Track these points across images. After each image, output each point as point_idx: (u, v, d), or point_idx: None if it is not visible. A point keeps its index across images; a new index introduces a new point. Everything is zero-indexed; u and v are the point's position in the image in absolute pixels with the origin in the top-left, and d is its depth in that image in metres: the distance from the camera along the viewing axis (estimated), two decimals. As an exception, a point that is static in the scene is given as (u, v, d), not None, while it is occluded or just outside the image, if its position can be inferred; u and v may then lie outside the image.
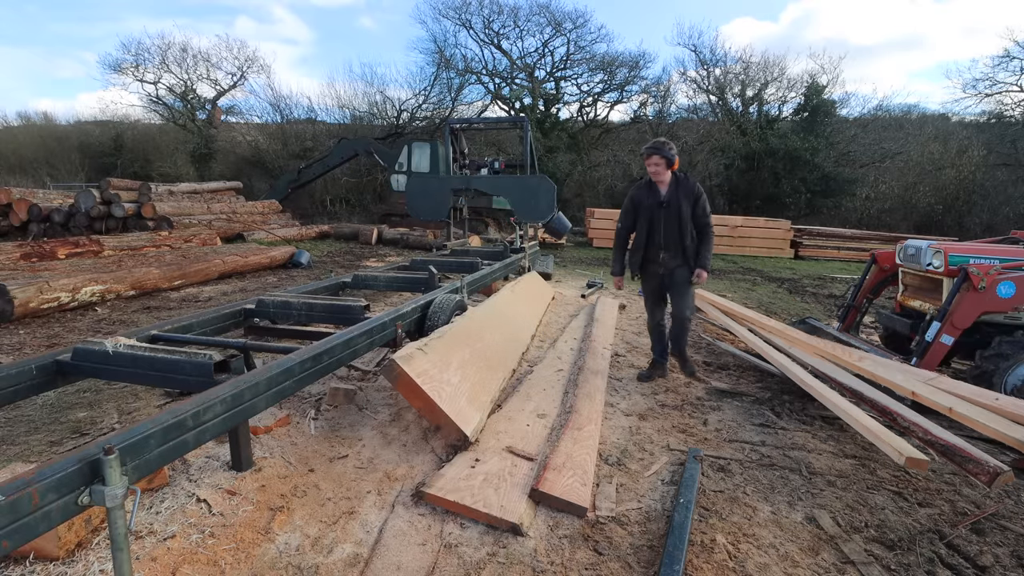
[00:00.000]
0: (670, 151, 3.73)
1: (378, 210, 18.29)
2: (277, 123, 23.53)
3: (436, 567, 1.99)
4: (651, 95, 22.72)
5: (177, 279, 7.09)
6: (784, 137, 18.04)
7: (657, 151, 3.72)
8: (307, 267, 9.39)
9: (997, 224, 16.13)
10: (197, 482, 2.42)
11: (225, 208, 13.75)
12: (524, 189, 7.57)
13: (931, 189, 18.30)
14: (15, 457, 2.66)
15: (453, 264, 5.98)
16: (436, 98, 22.00)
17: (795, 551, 2.17)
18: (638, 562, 2.07)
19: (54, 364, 2.45)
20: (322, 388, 3.58)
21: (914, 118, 22.28)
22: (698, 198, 3.77)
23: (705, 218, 3.79)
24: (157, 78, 22.74)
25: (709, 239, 3.80)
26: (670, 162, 3.74)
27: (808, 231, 15.10)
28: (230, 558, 1.98)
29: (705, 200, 3.80)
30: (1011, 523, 2.41)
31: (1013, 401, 2.99)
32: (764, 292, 8.81)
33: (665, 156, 3.72)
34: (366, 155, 16.33)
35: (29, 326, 5.10)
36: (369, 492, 2.45)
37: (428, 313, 3.77)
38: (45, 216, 10.94)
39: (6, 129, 26.29)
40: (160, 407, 3.29)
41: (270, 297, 3.65)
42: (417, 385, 2.69)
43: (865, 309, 5.29)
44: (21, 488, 1.33)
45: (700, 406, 3.65)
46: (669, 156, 3.72)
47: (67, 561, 1.91)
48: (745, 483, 2.67)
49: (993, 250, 4.25)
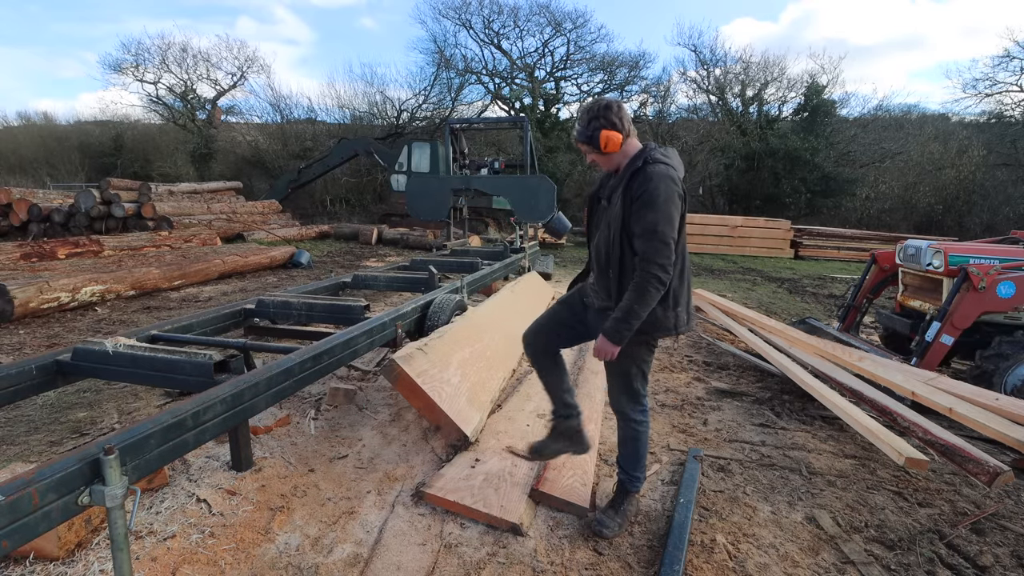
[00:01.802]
0: (595, 124, 2.08)
1: (378, 210, 18.30)
2: (277, 123, 23.55)
3: (436, 567, 1.99)
4: (651, 95, 22.76)
5: (177, 279, 7.09)
6: (784, 137, 18.05)
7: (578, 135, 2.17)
8: (307, 267, 9.39)
9: (997, 224, 16.13)
10: (197, 482, 2.42)
11: (225, 208, 13.75)
12: (524, 189, 7.57)
13: (931, 189, 18.31)
14: (15, 457, 2.66)
15: (453, 264, 5.98)
16: (436, 98, 22.05)
17: (795, 551, 2.17)
18: (638, 562, 2.07)
19: (54, 364, 2.45)
20: (322, 388, 3.58)
21: (914, 118, 22.29)
22: (639, 199, 1.99)
23: (646, 241, 1.96)
24: (157, 78, 22.80)
25: (643, 285, 1.96)
26: (593, 141, 2.09)
27: (808, 231, 15.10)
28: (230, 558, 1.98)
29: (653, 206, 1.95)
30: (1011, 523, 2.41)
31: (1013, 401, 2.99)
32: (764, 292, 8.81)
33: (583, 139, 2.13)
34: (366, 155, 16.34)
35: (29, 326, 5.10)
36: (369, 492, 2.45)
37: (428, 313, 3.77)
38: (45, 216, 10.94)
39: (6, 129, 26.31)
40: (160, 407, 3.29)
41: (270, 297, 3.65)
42: (417, 385, 2.69)
43: (865, 309, 5.29)
44: (21, 488, 1.32)
45: (700, 406, 3.65)
46: (588, 135, 2.10)
47: (67, 561, 1.91)
48: (745, 483, 2.67)
49: (993, 250, 4.25)
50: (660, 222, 1.94)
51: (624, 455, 2.32)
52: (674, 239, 1.98)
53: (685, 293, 2.13)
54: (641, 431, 2.27)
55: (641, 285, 1.96)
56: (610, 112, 2.07)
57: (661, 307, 2.04)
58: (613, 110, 2.08)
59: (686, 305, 2.13)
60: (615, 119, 2.06)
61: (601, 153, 2.10)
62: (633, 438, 2.28)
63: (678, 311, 2.09)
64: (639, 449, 2.29)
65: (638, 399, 2.25)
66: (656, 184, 1.96)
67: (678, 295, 2.08)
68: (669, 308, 2.06)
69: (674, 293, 2.06)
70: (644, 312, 1.98)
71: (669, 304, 2.06)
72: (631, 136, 2.11)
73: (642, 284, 1.96)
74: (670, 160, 2.07)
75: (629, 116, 2.12)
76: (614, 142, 2.06)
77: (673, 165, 2.06)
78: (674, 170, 2.04)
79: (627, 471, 2.31)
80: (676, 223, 1.99)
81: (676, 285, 2.07)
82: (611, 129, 2.06)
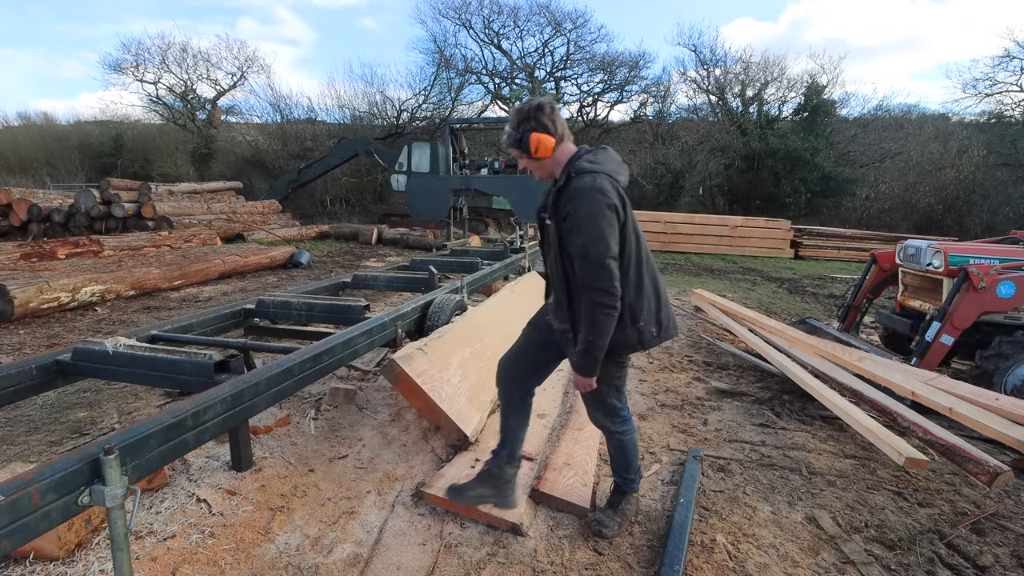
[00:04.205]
0: (525, 126, 1.90)
1: (378, 210, 18.30)
2: (277, 123, 23.55)
3: (436, 567, 1.99)
4: (651, 95, 22.76)
5: (177, 279, 7.09)
6: (784, 137, 18.05)
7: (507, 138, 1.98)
8: (307, 267, 9.39)
9: (997, 224, 16.13)
10: (197, 482, 2.42)
11: (225, 208, 13.75)
12: (524, 189, 7.59)
13: (931, 189, 18.31)
14: (15, 457, 2.66)
15: (453, 264, 5.97)
16: (436, 98, 22.04)
17: (795, 551, 2.17)
18: (638, 562, 2.07)
19: (54, 364, 2.45)
20: (322, 388, 3.58)
21: (914, 118, 22.30)
22: (566, 220, 1.83)
23: (581, 267, 1.83)
24: (157, 78, 22.80)
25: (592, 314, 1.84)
26: (523, 145, 1.91)
27: (808, 231, 15.10)
28: (230, 558, 1.98)
29: (580, 229, 1.80)
30: (1011, 523, 2.41)
31: (1013, 401, 2.99)
32: (764, 292, 8.81)
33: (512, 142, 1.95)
34: (366, 155, 16.33)
35: (29, 326, 5.10)
36: (369, 492, 2.45)
37: (428, 313, 3.77)
38: (45, 216, 10.95)
39: (6, 129, 26.28)
40: (160, 407, 3.29)
41: (270, 297, 3.65)
42: (417, 385, 2.69)
43: (865, 309, 5.29)
44: (21, 488, 1.33)
45: (700, 406, 3.65)
46: (517, 138, 1.92)
47: (67, 561, 1.91)
48: (745, 483, 2.67)
49: (993, 250, 4.25)
50: (590, 245, 1.78)
51: (615, 461, 2.30)
52: (613, 257, 1.81)
53: (646, 305, 1.96)
54: (626, 439, 2.22)
55: (590, 314, 1.84)
56: (542, 114, 1.89)
57: (618, 327, 1.90)
58: (545, 111, 1.90)
59: (651, 318, 1.98)
60: (547, 121, 1.89)
61: (532, 158, 1.94)
62: (619, 447, 2.24)
63: (639, 327, 1.95)
64: (627, 455, 2.25)
65: (616, 412, 2.18)
66: (580, 203, 1.79)
67: (636, 310, 1.93)
68: (627, 326, 1.93)
69: (630, 310, 1.92)
70: (603, 340, 1.87)
71: (626, 322, 1.92)
72: (565, 140, 1.95)
73: (590, 314, 1.84)
74: (599, 166, 1.86)
75: (563, 118, 1.96)
76: (545, 146, 1.89)
77: (604, 171, 1.86)
78: (604, 177, 1.84)
79: (620, 474, 2.29)
80: (611, 239, 1.81)
81: (632, 300, 1.91)
82: (542, 132, 1.88)
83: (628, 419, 2.25)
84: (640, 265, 1.94)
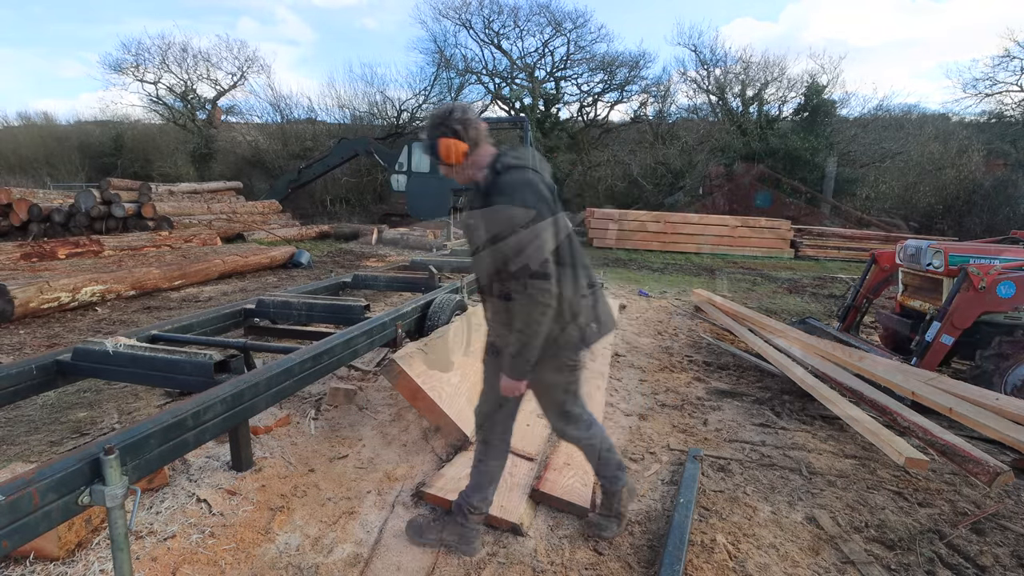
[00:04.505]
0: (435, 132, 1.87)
1: (378, 210, 18.29)
2: (277, 123, 23.53)
3: (436, 567, 1.99)
4: (651, 95, 22.73)
5: (177, 279, 7.08)
6: (784, 137, 18.05)
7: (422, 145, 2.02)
8: (307, 267, 9.38)
9: (997, 224, 16.12)
10: (197, 482, 2.42)
11: (225, 208, 13.74)
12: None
13: (931, 189, 18.30)
14: (15, 457, 2.66)
15: (453, 264, 5.97)
16: (436, 98, 22.00)
17: (795, 551, 2.17)
18: (638, 562, 2.07)
19: (54, 364, 2.45)
20: (322, 388, 3.58)
21: (914, 118, 22.26)
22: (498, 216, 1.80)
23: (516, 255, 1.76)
24: (157, 78, 22.80)
25: (530, 310, 1.77)
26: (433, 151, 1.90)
27: (808, 231, 15.10)
28: (230, 558, 1.98)
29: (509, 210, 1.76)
30: (1011, 523, 2.41)
31: (1013, 401, 2.99)
32: (764, 292, 8.81)
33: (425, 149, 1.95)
34: (366, 155, 16.32)
35: (29, 326, 5.10)
36: (369, 492, 2.45)
37: (428, 313, 3.77)
38: (45, 216, 10.94)
39: (6, 129, 26.29)
40: (160, 407, 3.29)
41: (270, 297, 3.65)
42: (417, 385, 2.69)
43: (865, 309, 5.29)
44: (21, 488, 1.33)
45: (700, 406, 3.65)
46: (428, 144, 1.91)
47: (67, 561, 1.91)
48: (745, 483, 2.67)
49: (993, 250, 4.25)
50: (526, 238, 1.73)
51: (592, 465, 2.24)
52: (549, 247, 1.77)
53: (583, 300, 1.92)
54: (593, 443, 2.15)
55: (525, 312, 1.75)
56: (452, 119, 1.85)
57: (557, 325, 1.84)
58: (455, 116, 1.85)
59: (590, 313, 1.93)
60: (456, 126, 1.84)
61: (445, 164, 1.89)
62: (588, 451, 2.18)
63: (579, 323, 1.90)
64: (601, 456, 2.18)
65: (578, 420, 2.12)
66: (512, 196, 1.75)
67: (575, 306, 1.88)
68: (568, 323, 1.87)
69: (570, 306, 1.86)
70: (538, 340, 1.79)
71: (567, 319, 1.87)
72: (480, 144, 1.89)
73: (526, 311, 1.75)
74: (525, 161, 1.85)
75: (476, 122, 1.88)
76: (456, 152, 1.84)
77: (531, 167, 1.84)
78: (532, 171, 1.83)
79: (601, 475, 2.24)
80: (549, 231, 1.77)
81: (571, 296, 1.86)
82: (452, 137, 1.84)
83: (592, 422, 2.19)
84: (574, 259, 1.90)
